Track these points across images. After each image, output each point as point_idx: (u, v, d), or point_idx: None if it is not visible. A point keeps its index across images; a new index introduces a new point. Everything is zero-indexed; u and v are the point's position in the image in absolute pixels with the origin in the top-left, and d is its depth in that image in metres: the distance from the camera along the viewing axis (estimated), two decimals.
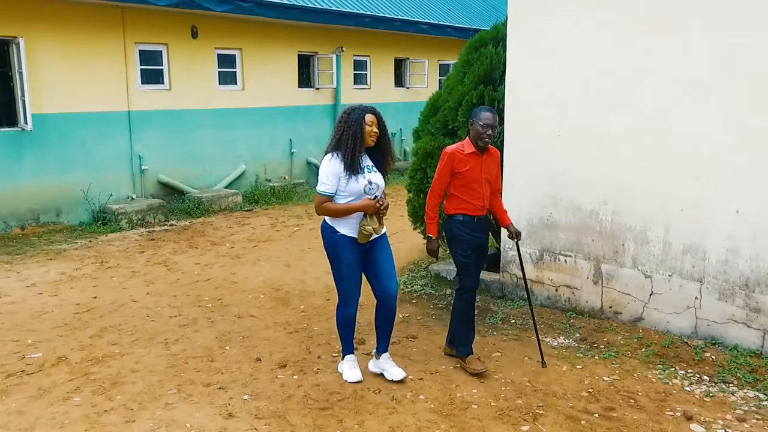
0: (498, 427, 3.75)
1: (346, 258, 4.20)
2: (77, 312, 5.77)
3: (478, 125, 4.38)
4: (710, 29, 4.49)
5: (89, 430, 3.72)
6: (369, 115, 4.12)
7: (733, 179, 4.52)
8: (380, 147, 4.22)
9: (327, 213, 4.17)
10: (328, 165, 4.09)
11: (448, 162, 4.43)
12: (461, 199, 4.48)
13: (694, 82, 4.60)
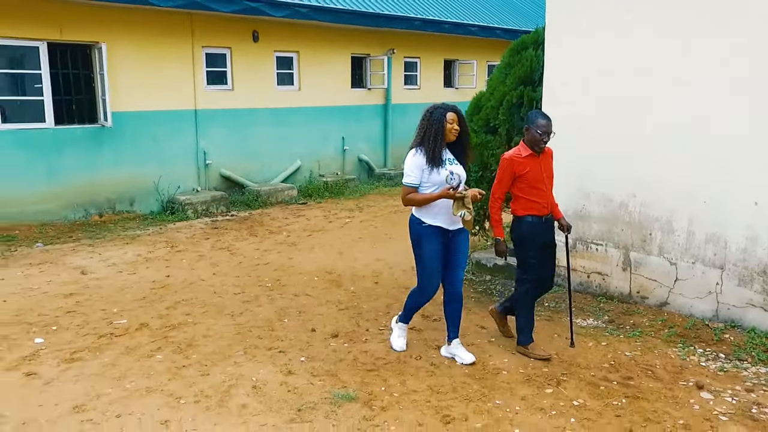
0: (524, 389, 4.23)
1: (430, 248, 4.50)
2: (153, 288, 6.47)
3: (535, 132, 4.57)
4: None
5: (172, 379, 4.36)
6: (450, 113, 4.43)
7: (753, 174, 4.86)
8: (461, 141, 4.53)
9: (412, 202, 4.49)
10: (413, 159, 4.45)
11: (508, 167, 4.64)
12: (528, 200, 4.67)
13: (720, 88, 4.96)
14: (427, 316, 5.64)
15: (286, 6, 10.57)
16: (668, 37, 5.20)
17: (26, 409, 3.94)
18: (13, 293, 6.20)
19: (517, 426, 3.76)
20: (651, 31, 5.29)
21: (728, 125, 4.94)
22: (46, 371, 4.49)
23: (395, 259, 7.58)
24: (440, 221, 4.47)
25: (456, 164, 4.50)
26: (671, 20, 5.16)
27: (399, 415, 3.88)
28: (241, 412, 3.92)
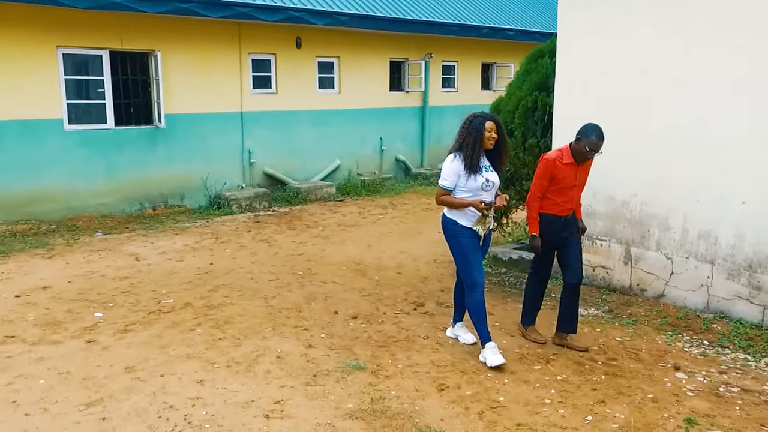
0: (515, 365, 4.73)
1: (466, 242, 4.71)
2: (198, 273, 7.20)
3: (585, 146, 4.67)
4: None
5: (209, 348, 5.04)
6: (489, 122, 4.60)
7: (741, 175, 5.22)
8: (498, 149, 4.71)
9: (444, 204, 4.74)
10: (451, 164, 4.65)
11: (547, 169, 4.80)
12: (552, 201, 4.85)
13: (711, 98, 5.35)
14: (441, 303, 6.19)
15: (327, 15, 11.24)
16: (668, 37, 5.58)
17: (87, 368, 4.66)
18: (76, 275, 7.02)
19: (503, 395, 4.28)
20: (651, 32, 5.69)
21: (723, 130, 5.31)
22: (104, 339, 5.22)
23: (419, 252, 8.13)
24: (471, 224, 4.73)
25: (491, 171, 4.71)
26: (671, 21, 5.56)
27: (400, 383, 4.45)
28: (265, 376, 4.56)
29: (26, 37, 8.78)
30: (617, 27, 5.94)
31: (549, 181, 4.82)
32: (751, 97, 5.11)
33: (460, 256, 4.78)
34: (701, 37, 5.35)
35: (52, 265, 7.39)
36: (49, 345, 5.10)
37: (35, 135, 9.04)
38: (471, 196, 4.63)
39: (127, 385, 4.39)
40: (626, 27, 5.87)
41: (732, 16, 5.16)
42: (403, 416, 3.98)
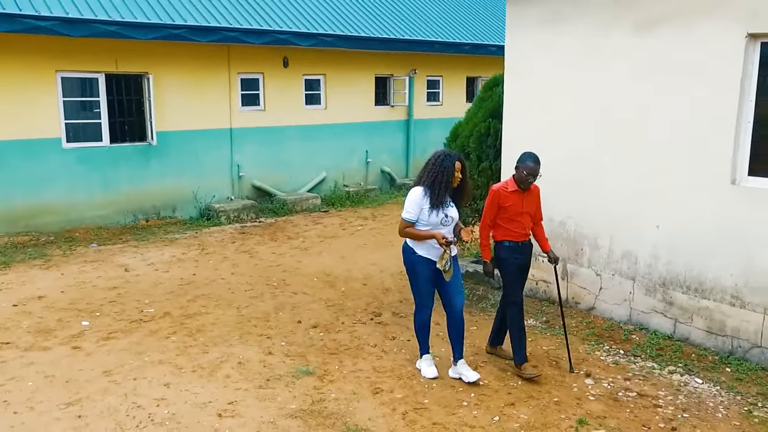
0: (446, 371, 5.36)
1: (423, 273, 5.02)
2: (181, 284, 7.86)
3: (522, 172, 5.07)
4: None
5: (179, 355, 5.70)
6: (458, 162, 4.92)
7: (656, 203, 5.82)
8: (460, 187, 5.04)
9: (408, 235, 5.00)
10: (417, 197, 4.89)
11: (494, 198, 5.17)
12: (506, 228, 5.19)
13: (634, 136, 5.96)
14: (397, 314, 6.82)
15: (312, 36, 11.89)
16: (598, 70, 6.20)
17: (72, 375, 5.32)
18: (69, 285, 7.71)
19: (428, 398, 4.91)
20: (579, 75, 6.31)
21: (642, 164, 5.91)
22: (88, 346, 5.89)
23: (388, 263, 8.76)
24: (430, 254, 4.99)
25: (451, 207, 4.98)
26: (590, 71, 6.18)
27: (341, 386, 5.09)
28: (224, 380, 5.21)
29: (27, 63, 9.50)
30: (553, 64, 6.55)
31: (497, 209, 5.16)
32: (670, 140, 5.70)
33: (414, 284, 5.14)
34: (633, 78, 5.96)
35: (49, 276, 8.08)
36: (40, 351, 5.78)
37: (36, 153, 9.75)
38: (430, 230, 4.89)
39: (103, 387, 5.05)
40: (562, 64, 6.48)
41: (652, 66, 5.76)
42: (336, 416, 4.62)
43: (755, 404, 4.80)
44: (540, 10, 6.60)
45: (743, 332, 5.35)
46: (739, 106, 5.17)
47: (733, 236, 5.30)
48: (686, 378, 5.23)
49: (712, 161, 5.37)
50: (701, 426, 4.50)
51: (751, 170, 5.24)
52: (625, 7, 5.84)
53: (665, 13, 5.55)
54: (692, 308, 5.66)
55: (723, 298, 5.43)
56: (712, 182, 5.39)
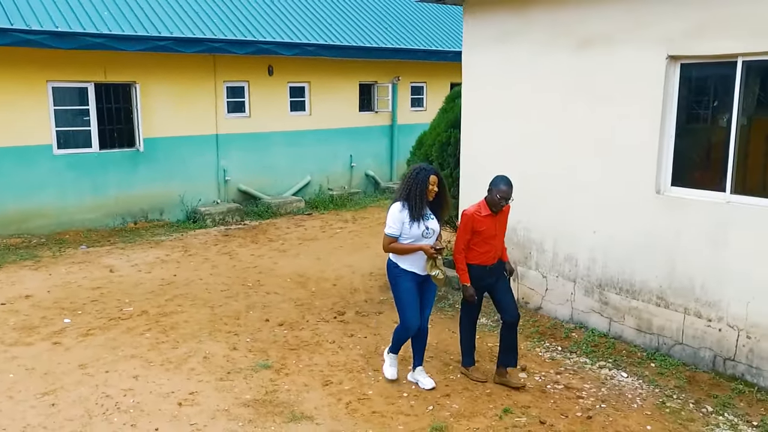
0: (399, 366, 5.79)
1: (405, 286, 5.12)
2: (161, 284, 8.34)
3: (496, 195, 5.12)
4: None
5: (150, 350, 6.17)
6: (432, 176, 5.02)
7: (592, 210, 6.27)
8: (438, 200, 5.13)
9: (393, 250, 5.07)
10: (397, 213, 5.00)
11: (468, 223, 5.20)
12: (476, 251, 5.24)
13: (573, 149, 6.40)
14: (359, 312, 7.28)
15: (295, 46, 12.36)
16: (546, 92, 6.64)
17: (50, 368, 5.79)
18: (56, 285, 8.19)
19: (373, 389, 5.37)
20: (529, 87, 6.76)
21: (583, 176, 6.35)
22: (68, 342, 6.37)
23: (361, 265, 9.22)
24: (414, 268, 5.11)
25: (432, 219, 5.10)
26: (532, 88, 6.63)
27: (295, 379, 5.55)
28: (189, 373, 5.68)
29: (19, 73, 9.99)
30: (504, 80, 7.00)
31: (471, 234, 5.22)
32: (604, 153, 6.13)
33: (398, 298, 5.21)
34: (570, 95, 6.40)
35: (37, 276, 8.57)
36: (23, 346, 6.26)
37: (28, 160, 10.25)
38: (412, 242, 5.03)
39: (78, 379, 5.53)
40: (511, 80, 6.93)
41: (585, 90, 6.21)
42: (285, 405, 5.09)
43: (671, 396, 5.24)
44: (491, 29, 7.05)
45: (667, 330, 5.79)
46: (662, 121, 5.61)
47: (658, 241, 5.74)
48: (613, 372, 5.68)
49: (640, 172, 5.81)
50: (615, 415, 4.95)
51: (674, 181, 5.68)
52: (561, 29, 6.29)
53: (595, 35, 6.00)
54: (624, 308, 6.11)
55: (650, 298, 5.88)
56: (639, 192, 5.83)
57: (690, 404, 5.11)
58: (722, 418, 4.90)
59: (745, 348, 5.24)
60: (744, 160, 5.23)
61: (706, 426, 4.79)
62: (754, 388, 5.18)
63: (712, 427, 4.78)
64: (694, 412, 5.00)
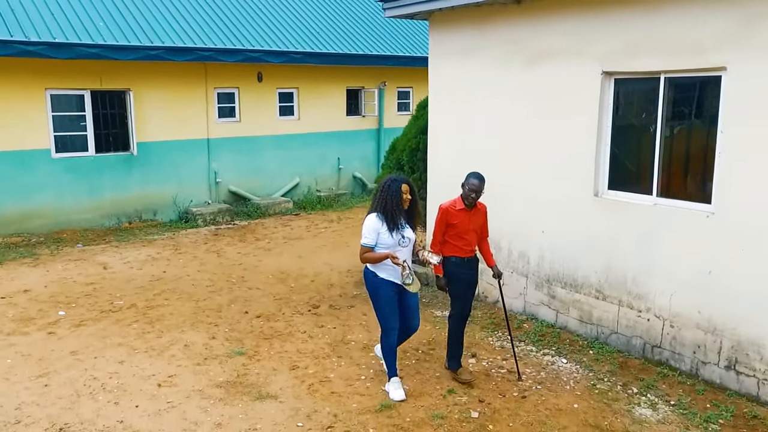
0: (357, 353, 6.38)
1: (385, 296, 5.25)
2: (151, 280, 8.92)
3: (467, 189, 5.40)
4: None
5: (136, 339, 6.75)
6: (404, 185, 5.18)
7: (541, 211, 6.83)
8: (411, 209, 5.29)
9: (368, 260, 5.19)
10: (372, 223, 5.14)
11: (443, 216, 5.47)
12: (453, 245, 5.52)
13: (527, 156, 6.97)
14: (333, 306, 7.85)
15: (283, 54, 12.94)
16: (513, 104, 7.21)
17: (44, 354, 6.38)
18: (52, 281, 8.79)
19: (334, 373, 5.94)
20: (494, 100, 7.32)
21: (535, 181, 6.91)
22: (61, 332, 6.95)
23: (340, 262, 9.79)
24: (392, 278, 5.25)
25: (406, 228, 5.25)
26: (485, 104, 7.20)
27: (265, 364, 6.13)
28: (169, 359, 6.26)
29: (19, 82, 10.59)
30: (466, 91, 7.57)
31: (446, 227, 5.49)
32: (552, 159, 6.69)
33: (377, 306, 5.37)
34: (524, 106, 6.97)
35: (35, 272, 9.16)
36: (20, 335, 6.85)
37: (27, 163, 10.85)
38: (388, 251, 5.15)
39: (69, 364, 6.11)
40: (473, 91, 7.49)
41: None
42: (254, 386, 5.66)
43: (602, 380, 5.81)
44: (454, 44, 7.62)
45: (605, 321, 6.35)
46: (599, 131, 6.17)
47: (597, 240, 6.30)
48: (555, 359, 6.24)
49: (581, 177, 6.37)
50: (548, 395, 5.51)
51: (611, 185, 6.24)
52: (514, 46, 6.86)
53: (543, 51, 6.56)
54: (569, 301, 6.67)
55: (590, 292, 6.44)
56: (581, 195, 6.39)
57: (618, 386, 5.67)
58: (644, 398, 5.46)
59: (669, 336, 5.80)
60: (668, 166, 5.79)
61: (629, 405, 5.35)
62: (677, 372, 5.75)
63: (633, 405, 5.34)
64: (620, 393, 5.56)
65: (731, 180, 5.20)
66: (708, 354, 5.52)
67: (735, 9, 5.04)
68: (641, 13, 5.67)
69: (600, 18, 6.01)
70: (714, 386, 5.50)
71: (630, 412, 5.24)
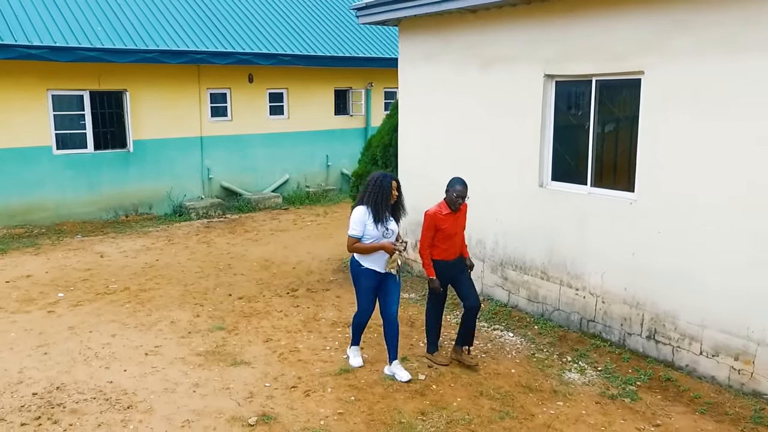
0: (326, 328, 7.07)
1: (367, 283, 5.69)
2: (143, 267, 9.63)
3: (453, 194, 5.70)
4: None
5: (128, 316, 7.46)
6: (393, 182, 5.58)
7: (495, 201, 7.52)
8: (397, 203, 5.68)
9: (357, 250, 5.54)
10: (360, 215, 5.48)
11: (431, 222, 5.76)
12: (440, 248, 5.83)
13: (483, 151, 7.65)
14: (310, 289, 8.54)
15: (272, 56, 13.64)
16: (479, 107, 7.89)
17: (44, 329, 7.08)
18: (53, 267, 9.51)
19: (303, 344, 6.64)
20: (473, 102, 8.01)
21: (485, 170, 7.59)
22: (60, 310, 7.66)
23: (321, 252, 10.49)
24: (375, 266, 5.63)
25: (391, 221, 5.63)
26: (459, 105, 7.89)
27: (242, 337, 6.83)
28: (157, 333, 6.96)
29: (22, 83, 11.32)
30: (431, 92, 8.26)
31: (435, 231, 5.80)
32: (504, 154, 7.37)
33: (358, 292, 5.80)
34: (480, 106, 7.65)
35: (37, 260, 9.88)
36: (23, 313, 7.56)
37: (30, 159, 11.58)
38: (374, 242, 5.53)
39: (66, 337, 6.83)
40: (437, 92, 8.18)
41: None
42: (229, 355, 6.36)
43: (541, 350, 6.49)
44: (419, 49, 8.32)
45: (549, 299, 7.04)
46: (542, 128, 6.86)
47: (542, 226, 6.98)
48: (503, 333, 6.93)
49: (529, 170, 7.06)
50: (490, 362, 6.20)
51: (553, 176, 6.92)
52: (471, 51, 7.55)
53: (495, 56, 7.25)
54: (519, 282, 7.36)
55: (537, 273, 7.13)
56: (528, 186, 7.08)
57: (554, 356, 6.36)
58: (576, 365, 6.14)
59: (601, 311, 6.49)
60: (600, 158, 6.47)
61: (560, 370, 6.04)
62: (607, 342, 6.43)
63: (564, 371, 6.03)
64: (556, 361, 6.25)
65: (649, 171, 5.88)
66: (633, 326, 6.21)
67: (649, 22, 5.73)
68: (575, 23, 6.36)
69: (542, 27, 6.70)
70: (638, 354, 6.19)
71: (560, 376, 5.93)
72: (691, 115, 5.52)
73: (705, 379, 5.66)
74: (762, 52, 5.02)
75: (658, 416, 5.22)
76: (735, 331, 5.39)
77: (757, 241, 5.17)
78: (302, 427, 5.02)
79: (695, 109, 5.49)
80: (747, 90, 5.13)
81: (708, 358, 5.61)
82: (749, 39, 5.08)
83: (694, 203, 5.57)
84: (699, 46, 5.41)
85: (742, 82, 5.16)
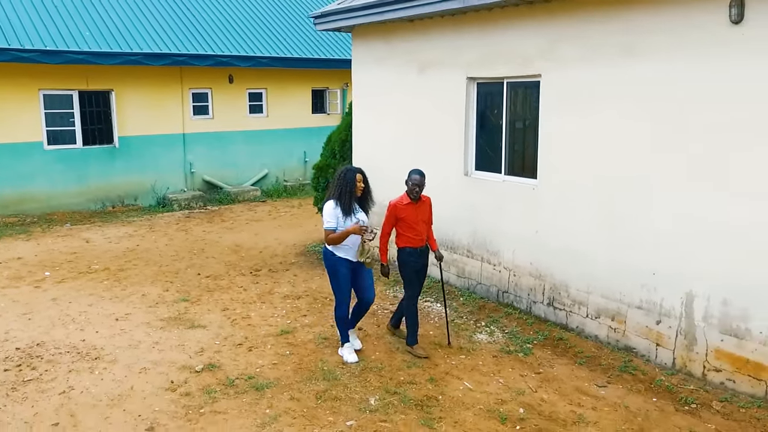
0: (279, 301, 8.02)
1: (342, 272, 5.94)
2: (124, 251, 10.59)
3: (410, 184, 6.05)
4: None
5: (105, 291, 8.42)
6: (358, 174, 5.85)
7: (433, 188, 8.46)
8: (365, 195, 5.98)
9: (333, 241, 5.80)
10: (333, 210, 5.80)
11: (392, 211, 6.11)
12: (406, 236, 6.18)
13: (422, 145, 8.61)
14: (272, 270, 9.49)
15: (250, 58, 14.60)
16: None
17: (30, 300, 8.05)
18: (42, 251, 10.48)
19: (255, 312, 7.59)
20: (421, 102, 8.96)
21: (426, 161, 8.53)
22: (46, 286, 8.63)
23: (288, 238, 11.45)
24: (348, 255, 5.96)
25: (360, 212, 5.97)
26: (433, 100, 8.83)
27: (203, 307, 7.79)
28: (128, 304, 7.93)
29: (14, 83, 12.30)
30: (381, 92, 9.22)
31: (395, 220, 6.14)
32: (439, 147, 8.32)
33: (334, 282, 6.07)
34: (420, 106, 8.59)
35: (28, 245, 10.85)
36: (12, 288, 8.53)
37: (22, 154, 12.56)
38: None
39: (48, 306, 7.80)
40: (386, 92, 9.13)
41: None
42: (189, 320, 7.33)
43: (461, 317, 7.44)
44: (371, 54, 9.28)
45: (473, 274, 7.99)
46: (466, 124, 7.81)
47: (467, 210, 7.93)
48: (432, 304, 7.88)
49: (456, 160, 8.01)
50: None
51: (477, 166, 7.87)
52: (410, 56, 8.51)
53: (428, 61, 8.21)
54: (450, 260, 8.31)
55: (463, 252, 8.08)
56: (456, 175, 8.03)
57: (471, 321, 7.31)
58: (487, 328, 7.10)
59: (513, 283, 7.44)
60: (512, 150, 7.42)
61: (472, 333, 6.99)
62: (518, 310, 7.39)
63: (475, 333, 6.98)
64: (471, 325, 7.20)
65: (546, 160, 6.83)
66: (537, 295, 7.16)
67: (544, 31, 6.68)
68: (491, 32, 7.31)
69: (464, 36, 7.65)
70: (540, 319, 7.14)
71: (471, 337, 6.89)
72: (577, 113, 6.47)
73: (590, 338, 6.61)
74: (624, 59, 5.97)
75: (542, 366, 6.17)
76: (611, 295, 6.34)
77: (624, 221, 6.11)
78: (241, 373, 5.98)
79: (579, 108, 6.44)
80: (611, 92, 6.09)
81: (592, 319, 6.57)
82: (625, 48, 6.04)
83: (574, 188, 6.53)
84: (585, 53, 6.36)
85: (612, 86, 6.11)
